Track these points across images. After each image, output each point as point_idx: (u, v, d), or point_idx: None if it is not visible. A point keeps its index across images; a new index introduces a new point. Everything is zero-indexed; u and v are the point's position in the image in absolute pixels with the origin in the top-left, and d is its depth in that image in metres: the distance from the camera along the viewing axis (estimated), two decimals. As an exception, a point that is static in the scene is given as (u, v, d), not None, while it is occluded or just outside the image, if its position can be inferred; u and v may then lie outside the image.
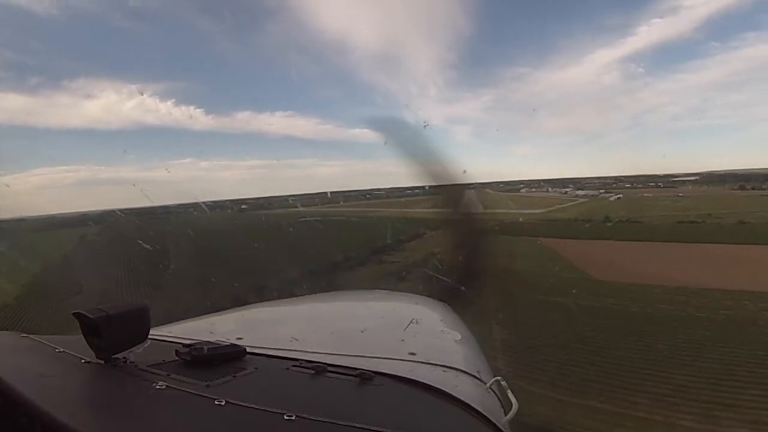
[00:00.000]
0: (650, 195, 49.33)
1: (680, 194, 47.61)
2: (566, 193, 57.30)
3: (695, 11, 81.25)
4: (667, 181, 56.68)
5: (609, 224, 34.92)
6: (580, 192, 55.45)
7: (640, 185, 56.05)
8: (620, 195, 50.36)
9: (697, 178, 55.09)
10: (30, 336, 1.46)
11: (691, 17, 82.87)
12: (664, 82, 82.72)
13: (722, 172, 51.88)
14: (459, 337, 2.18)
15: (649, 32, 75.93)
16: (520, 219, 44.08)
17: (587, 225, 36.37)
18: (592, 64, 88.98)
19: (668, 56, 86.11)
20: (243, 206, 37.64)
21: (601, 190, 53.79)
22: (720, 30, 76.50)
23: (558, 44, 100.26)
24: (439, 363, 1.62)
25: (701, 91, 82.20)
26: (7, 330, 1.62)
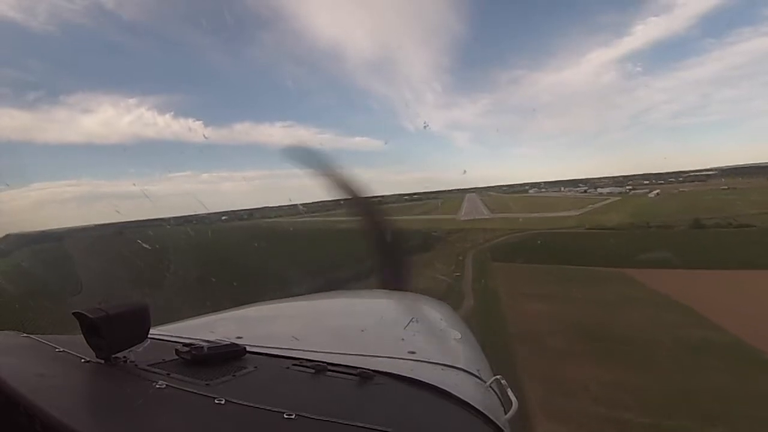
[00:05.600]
0: (687, 189, 43.76)
1: (724, 187, 42.41)
2: (585, 192, 50.58)
3: (690, 8, 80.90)
4: (685, 177, 52.57)
5: (706, 230, 26.82)
6: (603, 190, 49.02)
7: (662, 182, 51.16)
8: (658, 191, 44.38)
9: (716, 172, 51.49)
10: (30, 336, 1.45)
11: (686, 14, 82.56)
12: (662, 80, 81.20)
13: (747, 166, 48.31)
14: (459, 335, 2.14)
15: (645, 31, 73.79)
16: (562, 228, 35.34)
17: (672, 233, 27.87)
18: (589, 65, 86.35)
19: (665, 54, 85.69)
20: (223, 217, 37.03)
21: (628, 187, 47.71)
22: (715, 26, 76.31)
23: (554, 45, 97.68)
24: (439, 362, 1.60)
25: (699, 87, 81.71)
26: (7, 330, 1.55)
